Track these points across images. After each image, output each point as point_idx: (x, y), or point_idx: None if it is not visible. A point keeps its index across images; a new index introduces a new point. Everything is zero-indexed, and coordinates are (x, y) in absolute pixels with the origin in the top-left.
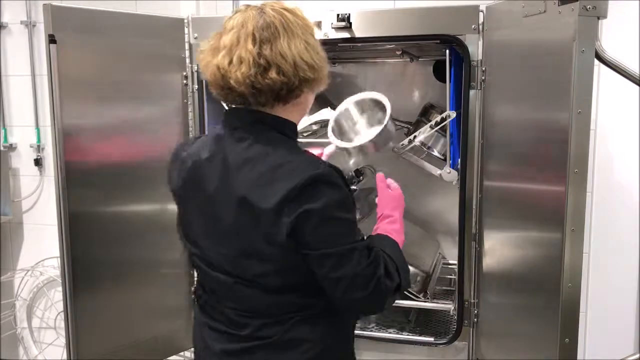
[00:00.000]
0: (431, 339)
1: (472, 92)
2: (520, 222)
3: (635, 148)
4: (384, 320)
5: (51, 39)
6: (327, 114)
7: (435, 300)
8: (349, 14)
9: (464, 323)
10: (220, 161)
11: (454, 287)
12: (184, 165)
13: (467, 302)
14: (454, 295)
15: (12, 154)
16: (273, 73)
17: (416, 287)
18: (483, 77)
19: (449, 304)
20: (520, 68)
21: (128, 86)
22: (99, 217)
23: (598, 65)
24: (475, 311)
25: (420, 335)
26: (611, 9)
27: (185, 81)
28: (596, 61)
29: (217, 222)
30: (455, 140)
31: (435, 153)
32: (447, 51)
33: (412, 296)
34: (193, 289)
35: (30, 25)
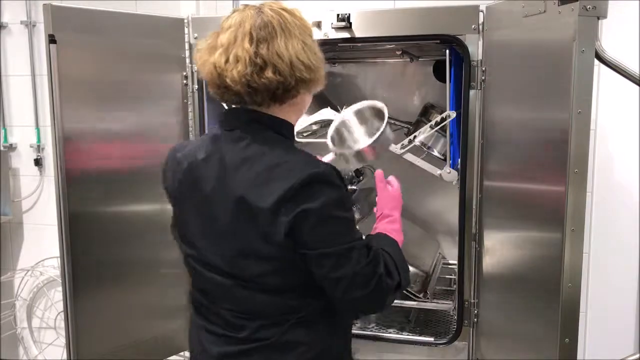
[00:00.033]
0: (431, 339)
1: (472, 92)
2: (520, 222)
3: (635, 148)
4: (384, 320)
5: (51, 39)
6: (327, 114)
7: (435, 300)
8: (349, 14)
9: (464, 323)
10: (217, 161)
11: (454, 287)
12: (180, 166)
13: (467, 302)
14: (454, 295)
15: (12, 154)
16: (269, 72)
17: (416, 287)
18: (483, 77)
19: (449, 304)
20: (520, 68)
21: (128, 86)
22: (99, 217)
23: (598, 65)
24: (475, 311)
25: (420, 335)
26: (611, 9)
27: (185, 81)
28: (596, 61)
29: (214, 222)
30: (455, 140)
31: (435, 153)
32: (447, 51)
33: (412, 296)
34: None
35: (30, 25)
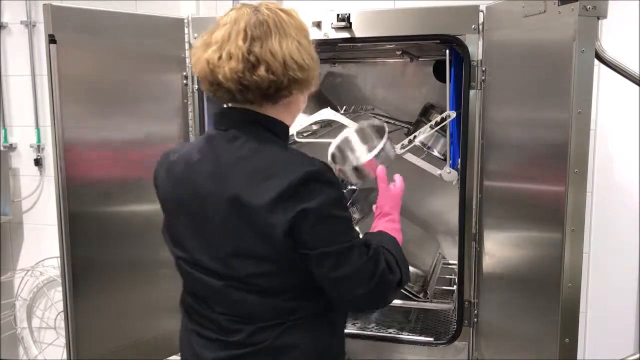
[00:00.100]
0: (431, 339)
1: (472, 92)
2: (520, 222)
3: (635, 148)
4: (384, 320)
5: (51, 39)
6: (327, 114)
7: (435, 300)
8: (349, 14)
9: (464, 323)
10: (212, 161)
11: (454, 287)
12: (173, 169)
13: (467, 302)
14: (454, 295)
15: (12, 154)
16: (262, 70)
17: (416, 287)
18: (483, 77)
19: (449, 304)
20: (520, 68)
21: (128, 86)
22: (99, 217)
23: (598, 65)
24: (475, 311)
25: (420, 335)
26: (611, 9)
27: (185, 81)
28: (596, 61)
29: (207, 222)
30: (455, 140)
31: (435, 153)
32: (447, 51)
33: (412, 296)
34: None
35: (30, 25)
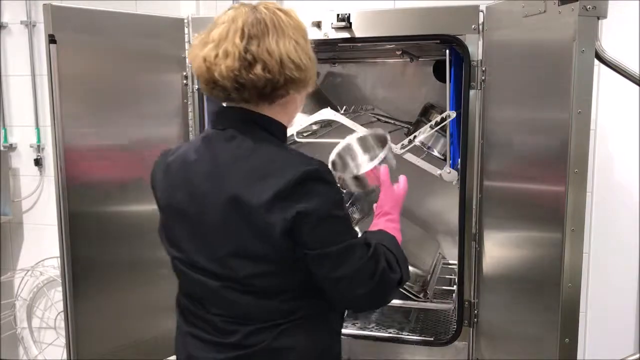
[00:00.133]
0: (431, 339)
1: (472, 92)
2: (520, 222)
3: (635, 148)
4: (383, 320)
5: (51, 39)
6: (327, 114)
7: (435, 300)
8: (349, 14)
9: (464, 323)
10: (209, 161)
11: (454, 287)
12: (171, 169)
13: (467, 302)
14: (454, 295)
15: (12, 154)
16: (258, 69)
17: (416, 287)
18: (483, 77)
19: (449, 304)
20: (520, 68)
21: (128, 86)
22: (99, 217)
23: (598, 65)
24: (475, 311)
25: (420, 335)
26: (611, 9)
27: (185, 81)
28: (596, 61)
29: (204, 222)
30: (455, 140)
31: (435, 153)
32: (447, 51)
33: (412, 296)
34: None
35: (30, 25)
